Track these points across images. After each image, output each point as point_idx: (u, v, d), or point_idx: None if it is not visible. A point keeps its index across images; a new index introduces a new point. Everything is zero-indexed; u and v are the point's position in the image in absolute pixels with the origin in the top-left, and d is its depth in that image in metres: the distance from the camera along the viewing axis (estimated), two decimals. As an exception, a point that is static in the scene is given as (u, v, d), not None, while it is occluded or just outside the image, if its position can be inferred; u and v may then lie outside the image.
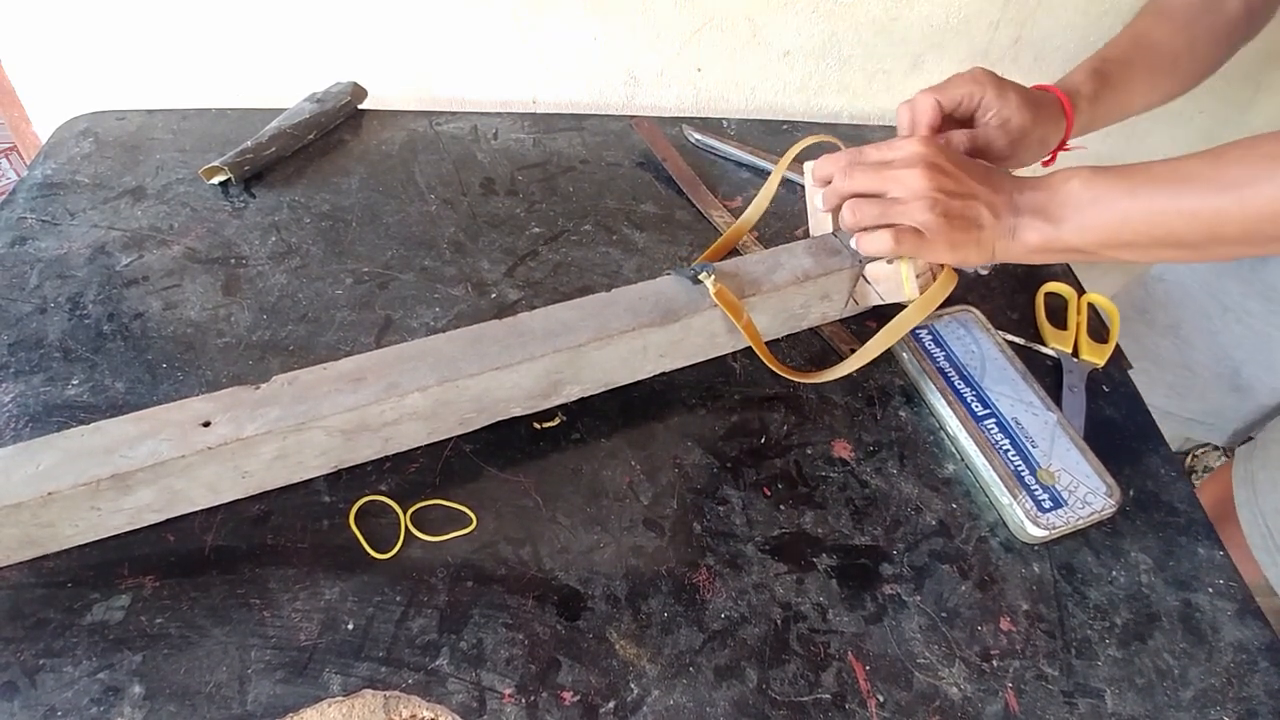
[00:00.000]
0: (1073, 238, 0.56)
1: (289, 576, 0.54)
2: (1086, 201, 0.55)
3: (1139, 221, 0.54)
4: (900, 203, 0.57)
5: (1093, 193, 0.55)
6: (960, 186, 0.57)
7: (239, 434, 0.52)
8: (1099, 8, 0.96)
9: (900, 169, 0.57)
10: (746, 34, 0.96)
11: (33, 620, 0.51)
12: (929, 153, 0.57)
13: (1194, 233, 0.53)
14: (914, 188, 0.56)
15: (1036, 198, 0.57)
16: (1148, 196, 0.54)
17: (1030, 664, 0.54)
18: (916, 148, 0.57)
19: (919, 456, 0.65)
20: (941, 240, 0.57)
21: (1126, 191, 0.54)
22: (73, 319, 0.68)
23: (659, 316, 0.60)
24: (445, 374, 0.56)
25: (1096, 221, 0.55)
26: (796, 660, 0.53)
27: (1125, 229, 0.55)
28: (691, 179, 0.86)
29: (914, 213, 0.56)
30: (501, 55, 0.97)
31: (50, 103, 0.99)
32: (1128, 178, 0.55)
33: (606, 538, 0.58)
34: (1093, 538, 0.61)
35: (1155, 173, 0.54)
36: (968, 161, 0.58)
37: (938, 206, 0.56)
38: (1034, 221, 0.57)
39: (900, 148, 0.58)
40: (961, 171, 0.57)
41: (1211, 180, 0.52)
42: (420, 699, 0.49)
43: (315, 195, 0.81)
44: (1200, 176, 0.53)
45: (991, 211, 0.57)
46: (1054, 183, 0.57)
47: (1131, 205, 0.54)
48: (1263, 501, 0.79)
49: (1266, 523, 0.77)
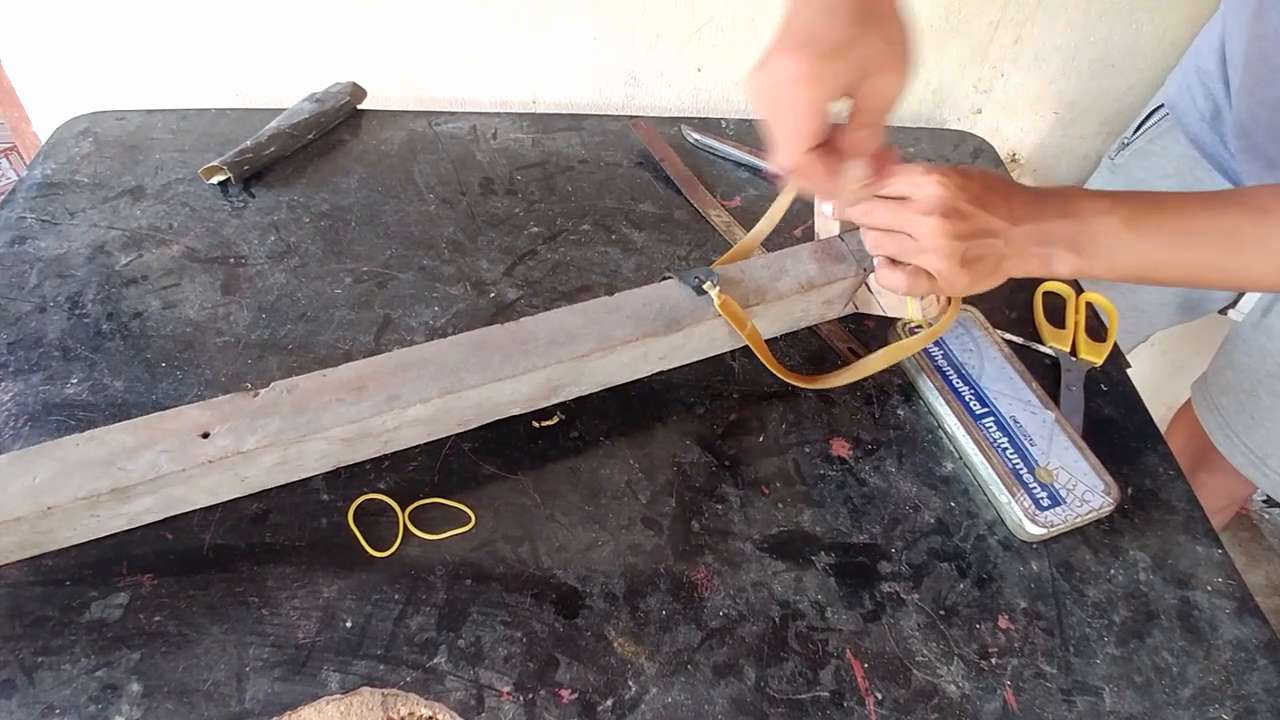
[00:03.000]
0: (1103, 273, 0.56)
1: (287, 575, 0.54)
2: (1126, 244, 0.54)
3: (1174, 270, 0.55)
4: (917, 246, 0.55)
5: (1134, 235, 0.54)
6: (977, 225, 0.54)
7: (239, 447, 0.51)
8: (1099, 8, 0.96)
9: (917, 214, 0.54)
10: (746, 34, 0.96)
11: (31, 618, 0.51)
12: (948, 196, 0.54)
13: (1225, 282, 0.57)
14: (930, 237, 0.54)
15: (1068, 228, 0.55)
16: (1190, 252, 0.54)
17: (1029, 662, 0.54)
18: (935, 191, 0.54)
19: (917, 455, 0.65)
20: (956, 282, 0.56)
21: (1168, 243, 0.54)
22: (72, 318, 0.68)
23: (662, 325, 0.59)
24: (447, 385, 0.55)
25: (1132, 263, 0.55)
26: (795, 658, 0.53)
27: (1157, 273, 0.56)
28: (690, 179, 0.86)
29: (930, 260, 0.55)
30: (501, 55, 0.97)
31: (50, 103, 0.99)
32: (1170, 226, 0.54)
33: (605, 536, 0.58)
34: (1091, 536, 0.61)
35: (1201, 225, 0.54)
36: (989, 192, 0.55)
37: (955, 255, 0.54)
38: (1065, 255, 0.55)
39: (920, 185, 0.55)
40: (981, 209, 0.54)
41: (1257, 242, 0.53)
42: (418, 697, 0.49)
43: (314, 195, 0.81)
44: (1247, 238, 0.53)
45: (1013, 245, 0.55)
46: (1087, 212, 0.55)
47: (1170, 258, 0.55)
48: (1233, 422, 0.83)
49: (1243, 440, 0.83)
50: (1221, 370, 0.86)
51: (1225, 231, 0.53)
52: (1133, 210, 0.55)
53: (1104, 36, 1.00)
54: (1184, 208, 0.55)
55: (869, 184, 0.55)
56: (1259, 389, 0.80)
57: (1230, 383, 0.84)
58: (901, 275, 0.57)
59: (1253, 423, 0.81)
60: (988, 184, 0.56)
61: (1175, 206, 0.55)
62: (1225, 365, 0.85)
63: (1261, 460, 0.82)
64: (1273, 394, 0.79)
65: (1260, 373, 0.80)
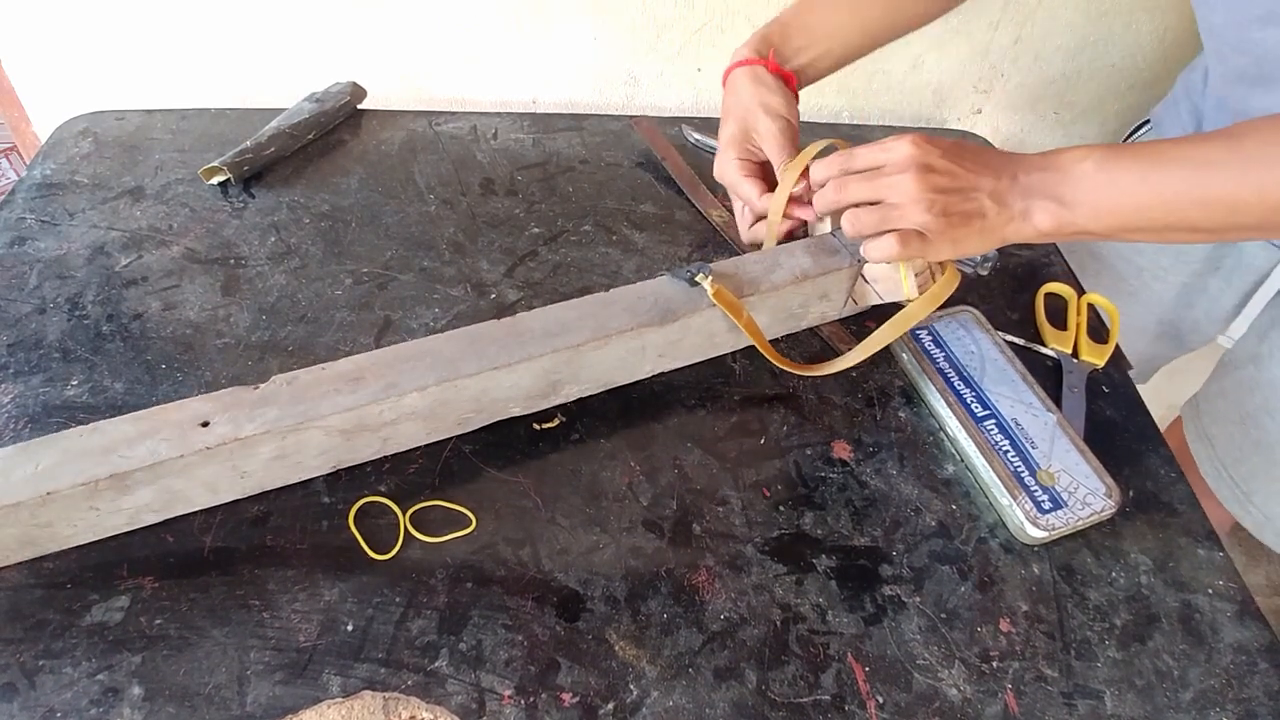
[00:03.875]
0: (1087, 222, 0.55)
1: (288, 577, 0.54)
2: (1101, 184, 0.54)
3: (1155, 209, 0.54)
4: (898, 208, 0.57)
5: (1108, 175, 0.54)
6: (956, 181, 0.56)
7: (237, 434, 0.52)
8: (1099, 8, 0.96)
9: (893, 174, 0.57)
10: (746, 34, 0.95)
11: (32, 621, 0.51)
12: (919, 153, 0.56)
13: (1211, 220, 0.53)
14: (909, 191, 0.56)
15: (1047, 180, 0.56)
16: (1164, 183, 0.53)
17: (1030, 665, 0.54)
18: (907, 149, 0.56)
19: (918, 457, 0.65)
20: (944, 238, 0.56)
21: (1140, 178, 0.53)
22: (72, 319, 0.68)
23: (657, 316, 0.60)
24: (443, 374, 0.56)
25: (1111, 206, 0.54)
26: (796, 661, 0.53)
27: (1140, 215, 0.54)
28: (691, 179, 0.86)
29: (912, 216, 0.56)
30: (501, 55, 0.97)
31: (50, 103, 0.99)
32: (1143, 160, 0.54)
33: (606, 539, 0.58)
34: (1092, 539, 0.61)
35: (1171, 155, 0.53)
36: (962, 151, 0.58)
37: (935, 206, 0.55)
38: (1046, 204, 0.55)
39: (891, 149, 0.57)
40: (956, 165, 0.56)
41: (1229, 165, 0.51)
42: (419, 700, 0.49)
43: (314, 195, 0.81)
44: (1217, 161, 0.52)
45: (994, 199, 0.56)
46: (1064, 162, 0.55)
47: (1147, 191, 0.53)
48: (1222, 453, 0.81)
49: (1230, 473, 0.80)
50: (1213, 398, 0.84)
51: (1198, 158, 0.53)
52: (1106, 151, 0.55)
53: (1104, 36, 1.00)
54: (1159, 145, 0.54)
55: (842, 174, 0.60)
56: (1247, 421, 0.78)
57: (1221, 412, 0.82)
58: (891, 238, 0.58)
59: (1240, 456, 0.79)
60: (961, 145, 0.58)
61: (1150, 145, 0.54)
62: (1217, 392, 0.83)
63: (1246, 496, 0.79)
64: (1260, 428, 0.76)
65: (1249, 405, 0.78)
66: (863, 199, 0.59)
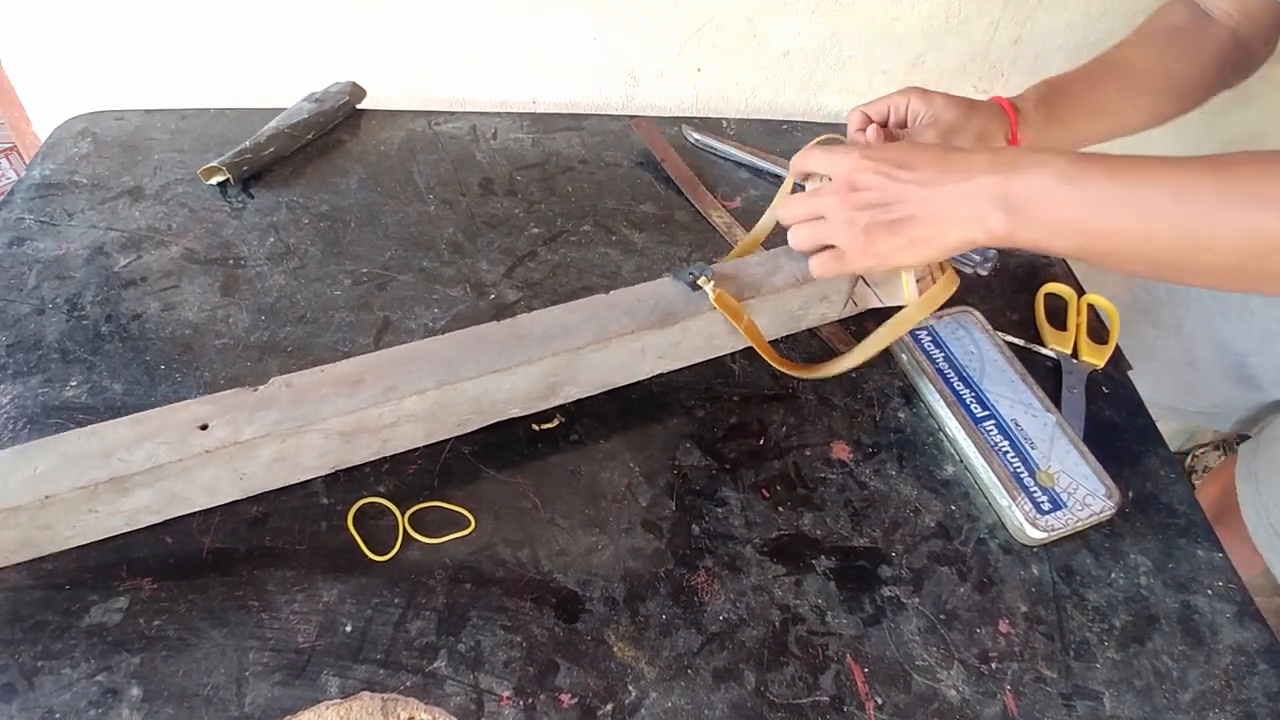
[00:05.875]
0: (1040, 236, 0.50)
1: (287, 578, 0.54)
2: (1057, 201, 0.48)
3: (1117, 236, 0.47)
4: (828, 224, 0.57)
5: (1070, 188, 0.48)
6: (883, 195, 0.54)
7: (237, 437, 0.52)
8: (1099, 8, 0.96)
9: (824, 193, 0.57)
10: (746, 34, 0.95)
11: (31, 622, 0.51)
12: (851, 168, 0.55)
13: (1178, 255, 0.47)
14: (831, 208, 0.56)
15: (995, 185, 0.50)
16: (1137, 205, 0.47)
17: (1029, 666, 0.54)
18: (844, 165, 0.56)
19: (918, 458, 0.65)
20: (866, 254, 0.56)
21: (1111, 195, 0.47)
22: (71, 320, 0.68)
23: (658, 319, 0.60)
24: (443, 377, 0.56)
25: (1066, 222, 0.48)
26: (795, 662, 0.53)
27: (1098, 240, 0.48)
28: (691, 179, 0.86)
29: (834, 233, 0.57)
30: (501, 55, 0.97)
31: (50, 103, 0.99)
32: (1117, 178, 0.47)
33: (605, 539, 0.58)
34: (1092, 540, 0.61)
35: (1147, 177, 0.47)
36: (905, 158, 0.54)
37: (857, 223, 0.55)
38: (996, 214, 0.50)
39: (836, 163, 0.57)
40: (887, 177, 0.53)
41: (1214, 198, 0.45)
42: (418, 701, 0.49)
43: (314, 196, 0.81)
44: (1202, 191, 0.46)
45: (929, 208, 0.52)
46: (1021, 166, 0.50)
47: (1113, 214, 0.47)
48: (1265, 496, 0.79)
49: (1269, 517, 0.78)
50: (1271, 442, 0.82)
51: (1179, 187, 0.46)
52: (1072, 162, 0.48)
53: (1104, 36, 1.00)
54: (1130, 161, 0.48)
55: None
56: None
57: (1276, 457, 0.80)
58: (825, 256, 0.58)
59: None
60: (910, 151, 0.55)
61: (1124, 161, 0.48)
62: (1275, 438, 0.81)
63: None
64: None
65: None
66: (802, 218, 0.59)
